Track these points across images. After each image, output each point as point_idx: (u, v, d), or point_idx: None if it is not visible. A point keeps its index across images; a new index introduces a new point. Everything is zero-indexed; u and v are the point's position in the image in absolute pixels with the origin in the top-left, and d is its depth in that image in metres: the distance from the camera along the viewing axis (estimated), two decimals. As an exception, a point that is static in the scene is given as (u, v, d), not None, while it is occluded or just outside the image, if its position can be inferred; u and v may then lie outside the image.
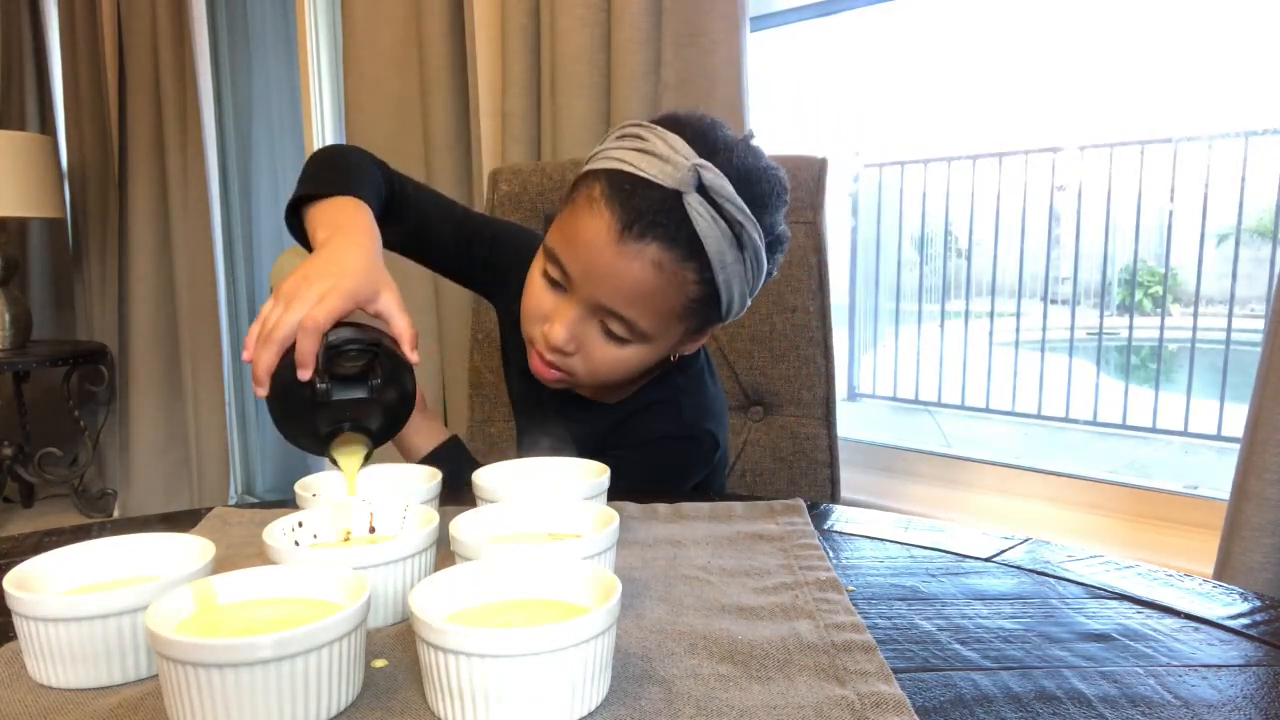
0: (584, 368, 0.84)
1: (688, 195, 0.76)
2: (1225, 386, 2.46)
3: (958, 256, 3.25)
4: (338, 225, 0.79)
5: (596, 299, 0.80)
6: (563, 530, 0.63)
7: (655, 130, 0.79)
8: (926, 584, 0.63)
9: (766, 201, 0.81)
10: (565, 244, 0.81)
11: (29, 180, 2.63)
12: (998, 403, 3.05)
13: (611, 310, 0.80)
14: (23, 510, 3.05)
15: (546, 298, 0.84)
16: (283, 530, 0.59)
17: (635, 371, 0.86)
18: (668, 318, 0.82)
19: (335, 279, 0.70)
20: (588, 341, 0.83)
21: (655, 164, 0.77)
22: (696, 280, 0.79)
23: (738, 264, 0.79)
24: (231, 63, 2.89)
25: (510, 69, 1.72)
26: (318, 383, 0.66)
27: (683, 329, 0.84)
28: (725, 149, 0.79)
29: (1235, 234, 2.32)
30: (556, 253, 0.82)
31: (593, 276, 0.79)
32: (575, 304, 0.81)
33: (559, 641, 0.42)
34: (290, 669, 0.42)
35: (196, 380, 2.73)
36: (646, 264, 0.77)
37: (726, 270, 0.79)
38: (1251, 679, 0.49)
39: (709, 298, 0.81)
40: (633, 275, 0.78)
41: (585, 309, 0.81)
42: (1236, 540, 1.08)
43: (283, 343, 0.67)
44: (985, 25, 2.55)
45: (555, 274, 0.82)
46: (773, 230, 0.82)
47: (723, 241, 0.78)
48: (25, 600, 0.48)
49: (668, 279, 0.78)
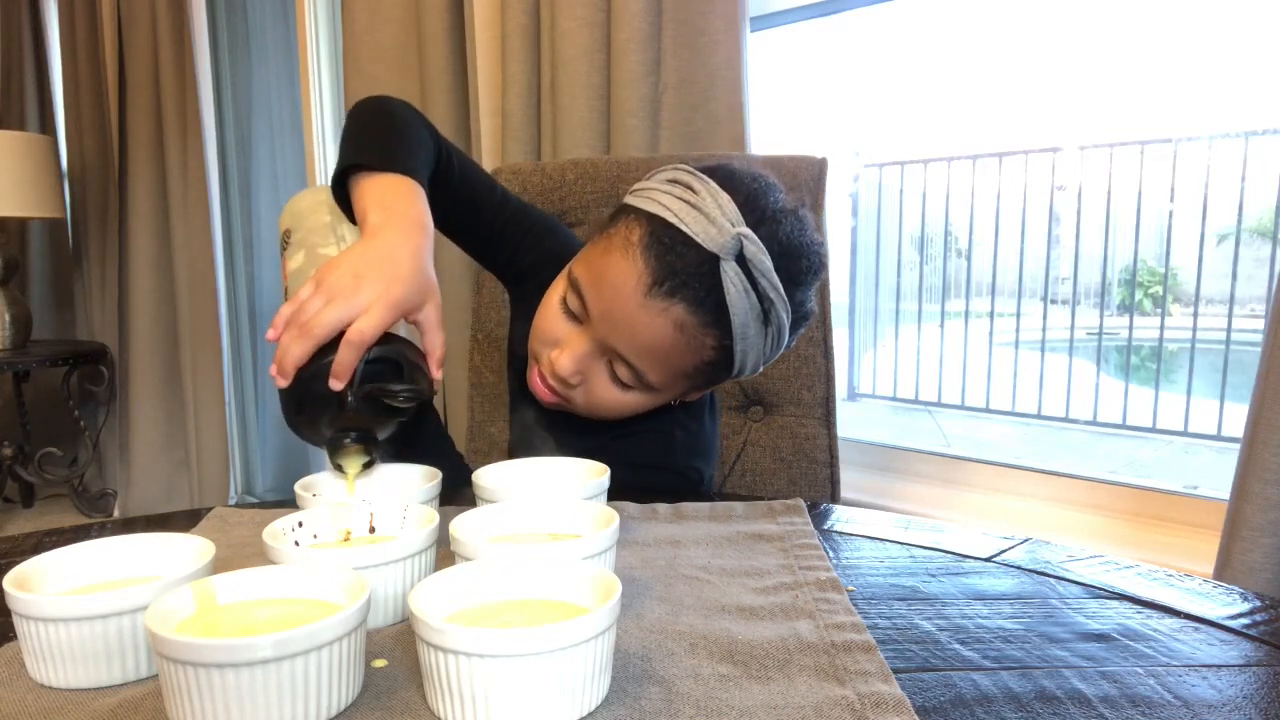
0: (583, 401, 0.84)
1: (725, 263, 0.74)
2: (1225, 386, 2.46)
3: (958, 256, 3.25)
4: (393, 211, 0.76)
5: (610, 342, 0.79)
6: (563, 530, 0.63)
7: (708, 185, 0.77)
8: (926, 584, 0.63)
9: (803, 279, 0.79)
10: (591, 280, 0.79)
11: (29, 180, 2.63)
12: (998, 403, 3.05)
13: (623, 357, 0.79)
14: (23, 510, 3.05)
15: (561, 325, 0.82)
16: (283, 530, 0.59)
17: (633, 413, 0.86)
18: (677, 375, 0.81)
19: (386, 285, 0.68)
20: (592, 378, 0.82)
21: (701, 223, 0.75)
22: (715, 346, 0.78)
23: (759, 336, 0.78)
24: (231, 63, 2.89)
25: (510, 69, 1.72)
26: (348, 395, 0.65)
27: (689, 385, 0.84)
28: (772, 219, 0.77)
29: (1235, 234, 2.32)
30: (581, 286, 0.80)
31: (612, 320, 0.78)
32: (588, 339, 0.80)
33: (559, 641, 0.42)
34: (290, 669, 0.42)
35: (196, 380, 2.73)
36: (669, 323, 0.76)
37: (747, 341, 0.78)
38: (1251, 679, 0.49)
39: (723, 363, 0.80)
40: (652, 331, 0.76)
41: (597, 347, 0.80)
42: (1236, 540, 1.08)
43: (319, 340, 0.65)
44: (985, 25, 2.56)
45: (575, 305, 0.81)
46: (801, 306, 0.81)
47: (749, 314, 0.76)
48: (25, 600, 0.48)
49: (686, 341, 0.77)
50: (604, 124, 1.63)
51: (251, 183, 2.92)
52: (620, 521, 0.60)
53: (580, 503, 0.64)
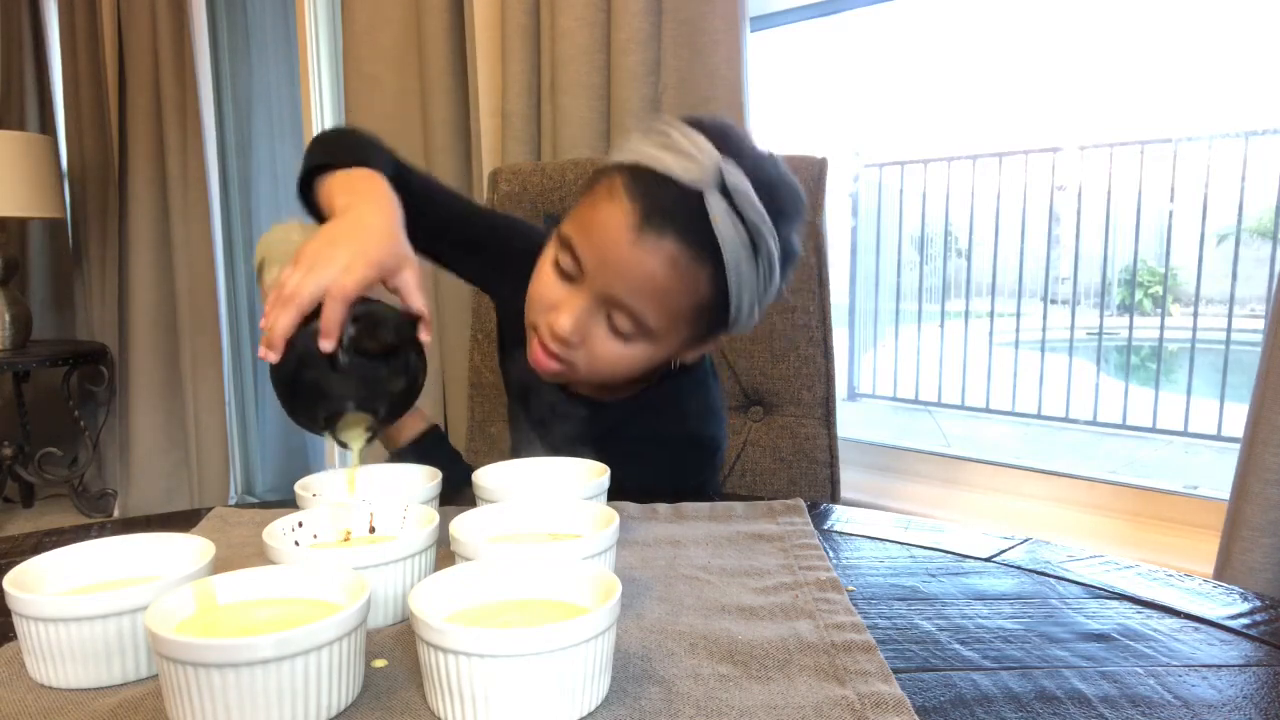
0: (585, 362, 0.83)
1: (709, 194, 0.75)
2: (1225, 386, 2.46)
3: (958, 256, 3.25)
4: (359, 192, 0.78)
5: (608, 291, 0.79)
6: (563, 530, 0.63)
7: (679, 127, 0.78)
8: (926, 584, 0.63)
9: (785, 211, 0.79)
10: (581, 233, 0.80)
11: (29, 180, 2.63)
12: (998, 403, 3.05)
13: (621, 303, 0.79)
14: (23, 510, 3.05)
15: (556, 287, 0.82)
16: (283, 530, 0.59)
17: (635, 371, 0.85)
18: (676, 318, 0.81)
19: (362, 245, 0.68)
20: (592, 335, 0.81)
21: (679, 161, 0.76)
22: (709, 282, 0.78)
23: (751, 271, 0.78)
24: (231, 63, 2.89)
25: (510, 69, 1.72)
26: (340, 355, 0.63)
27: (689, 333, 0.83)
28: (750, 156, 0.78)
29: (1235, 234, 2.32)
30: (572, 242, 0.80)
31: (607, 267, 0.78)
32: (584, 295, 0.80)
33: (559, 641, 0.42)
34: (290, 669, 0.42)
35: (196, 380, 2.72)
36: (663, 259, 0.76)
37: (740, 276, 0.78)
38: (1251, 679, 0.49)
39: (719, 303, 0.80)
40: (647, 269, 0.77)
41: (594, 301, 0.80)
42: (1236, 540, 1.08)
43: (303, 307, 0.64)
44: (985, 25, 2.56)
45: (567, 263, 0.81)
46: (788, 242, 0.81)
47: (739, 245, 0.76)
48: (25, 600, 0.48)
49: (681, 277, 0.77)
50: (604, 124, 1.63)
51: (251, 183, 2.92)
52: (620, 521, 0.60)
53: (580, 503, 0.64)
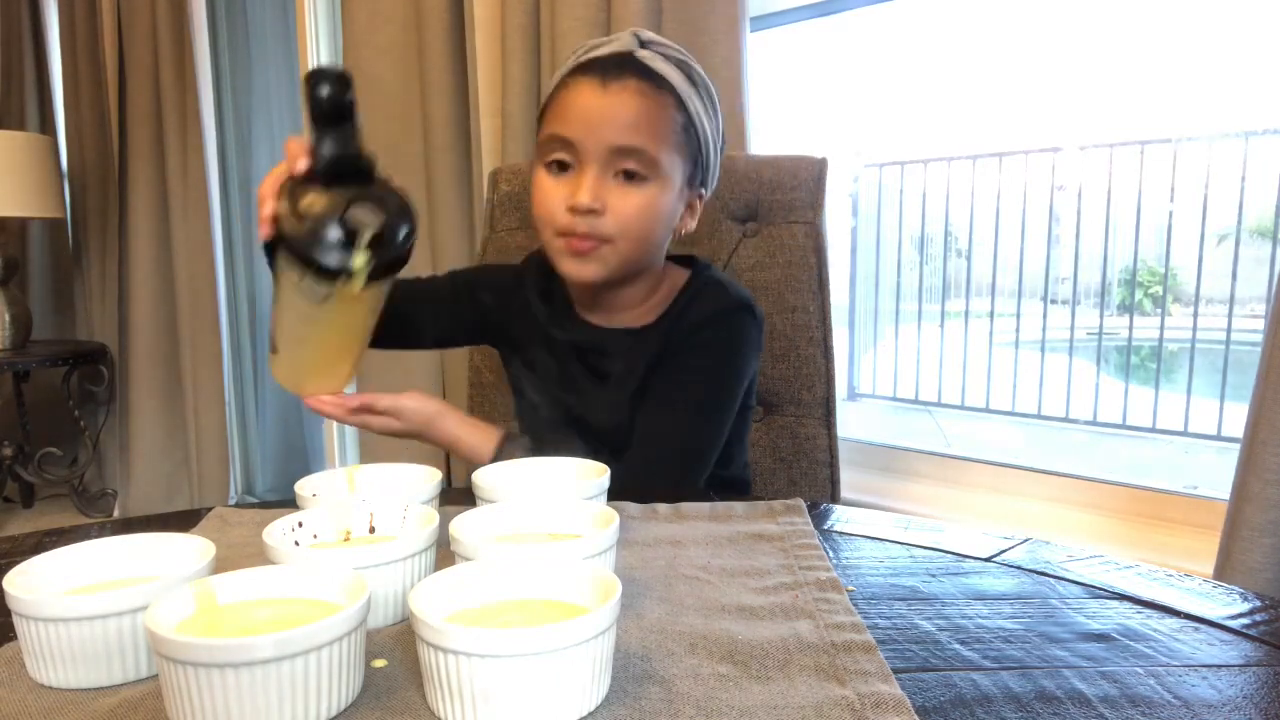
0: (614, 224, 0.90)
1: (637, 51, 0.92)
2: (1225, 386, 2.46)
3: (958, 256, 3.26)
4: None
5: (605, 143, 0.89)
6: (563, 530, 0.63)
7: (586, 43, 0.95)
8: (926, 584, 0.63)
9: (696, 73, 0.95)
10: (561, 120, 0.91)
11: (29, 180, 2.63)
12: (998, 403, 3.05)
13: (620, 147, 0.89)
14: (23, 510, 3.05)
15: (558, 185, 0.91)
16: (283, 530, 0.59)
17: (658, 219, 0.93)
18: (667, 145, 0.91)
19: None
20: (609, 195, 0.90)
21: (605, 46, 0.93)
22: (675, 107, 0.91)
23: (697, 98, 0.93)
24: (231, 63, 2.89)
25: (510, 69, 1.72)
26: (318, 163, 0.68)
27: (682, 168, 0.94)
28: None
29: (1235, 234, 2.32)
30: (556, 132, 0.91)
31: (595, 125, 0.89)
32: (586, 168, 0.90)
33: (559, 641, 0.42)
34: (290, 669, 0.42)
35: (196, 380, 2.72)
36: (632, 95, 0.89)
37: (692, 102, 0.92)
38: (1251, 679, 0.49)
39: (689, 129, 0.93)
40: (625, 106, 0.89)
41: (597, 166, 0.89)
42: (1236, 540, 1.08)
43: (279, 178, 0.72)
44: (985, 25, 2.55)
45: (559, 152, 0.91)
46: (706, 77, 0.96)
47: (679, 77, 0.92)
48: (25, 600, 0.48)
49: (652, 104, 0.90)
50: (604, 124, 1.63)
51: (251, 183, 2.92)
52: (620, 521, 0.60)
53: (580, 503, 0.64)
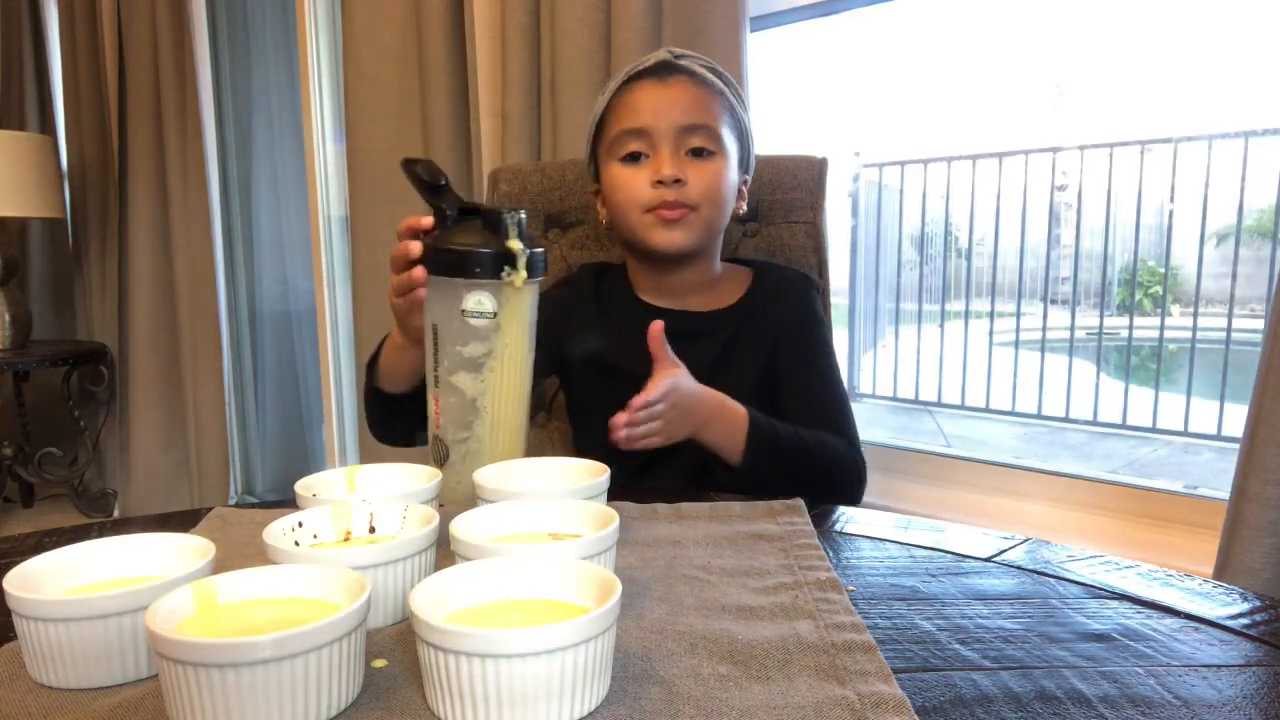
0: (697, 191, 1.01)
1: (677, 60, 1.05)
2: (1225, 386, 2.46)
3: (958, 256, 3.26)
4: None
5: (674, 124, 1.00)
6: (563, 530, 0.63)
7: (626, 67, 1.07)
8: (926, 584, 0.63)
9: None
10: (630, 115, 1.02)
11: (29, 180, 2.63)
12: (998, 403, 3.05)
13: (689, 125, 1.01)
14: (23, 510, 3.05)
15: (636, 172, 1.02)
16: (283, 530, 0.59)
17: (730, 189, 1.05)
18: (724, 122, 1.03)
19: None
20: (687, 167, 1.01)
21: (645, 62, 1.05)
22: (721, 92, 1.04)
23: (732, 95, 1.06)
24: (231, 63, 2.89)
25: (510, 69, 1.72)
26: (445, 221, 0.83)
27: (736, 147, 1.05)
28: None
29: (1235, 234, 2.32)
30: (627, 127, 1.02)
31: (664, 112, 1.01)
32: (661, 148, 1.01)
33: (559, 641, 0.42)
34: (290, 669, 0.42)
35: (196, 380, 2.72)
36: (688, 83, 1.03)
37: (728, 96, 1.05)
38: (1251, 679, 0.49)
39: (735, 113, 1.06)
40: (686, 92, 1.02)
41: (671, 145, 1.01)
42: (1236, 540, 1.08)
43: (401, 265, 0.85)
44: (985, 25, 2.56)
45: (633, 144, 1.02)
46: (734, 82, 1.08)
47: (713, 78, 1.05)
48: (25, 600, 0.48)
49: (702, 92, 1.03)
50: (604, 124, 1.63)
51: (251, 183, 2.92)
52: (620, 521, 0.60)
53: (580, 503, 0.64)
